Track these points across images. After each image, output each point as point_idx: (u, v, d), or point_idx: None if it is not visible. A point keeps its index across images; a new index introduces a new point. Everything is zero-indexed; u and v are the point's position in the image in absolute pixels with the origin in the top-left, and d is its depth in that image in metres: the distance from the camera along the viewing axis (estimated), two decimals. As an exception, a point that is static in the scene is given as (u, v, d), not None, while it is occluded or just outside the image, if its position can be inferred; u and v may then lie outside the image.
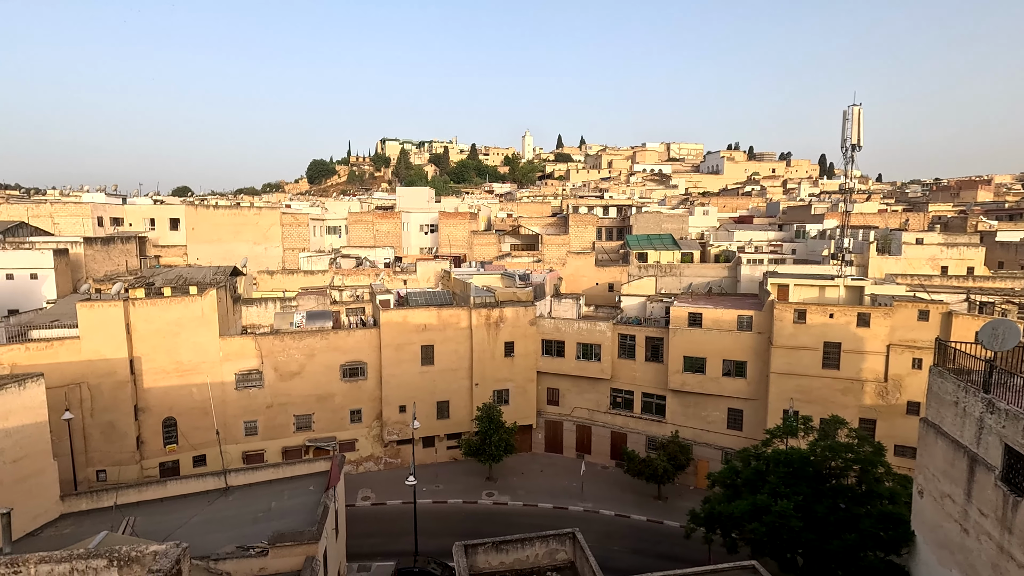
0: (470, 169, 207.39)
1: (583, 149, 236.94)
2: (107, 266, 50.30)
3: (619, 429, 42.98)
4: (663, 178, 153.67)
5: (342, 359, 40.03)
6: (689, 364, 39.90)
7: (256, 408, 38.27)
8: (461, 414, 42.52)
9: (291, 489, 26.70)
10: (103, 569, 9.60)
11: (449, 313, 41.74)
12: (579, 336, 43.06)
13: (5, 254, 44.51)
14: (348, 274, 53.74)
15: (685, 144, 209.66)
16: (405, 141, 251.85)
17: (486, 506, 37.34)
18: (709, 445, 40.03)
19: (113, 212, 62.12)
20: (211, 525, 23.65)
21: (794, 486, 24.42)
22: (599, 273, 59.84)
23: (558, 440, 45.07)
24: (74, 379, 33.08)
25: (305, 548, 20.00)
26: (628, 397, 42.82)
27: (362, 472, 40.93)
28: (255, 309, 44.56)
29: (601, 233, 71.22)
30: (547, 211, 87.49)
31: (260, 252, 62.88)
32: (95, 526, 22.18)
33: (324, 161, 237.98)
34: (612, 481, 40.71)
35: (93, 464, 34.21)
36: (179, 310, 35.80)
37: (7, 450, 22.69)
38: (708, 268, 56.89)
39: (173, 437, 36.44)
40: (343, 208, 79.94)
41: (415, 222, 71.42)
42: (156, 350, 35.33)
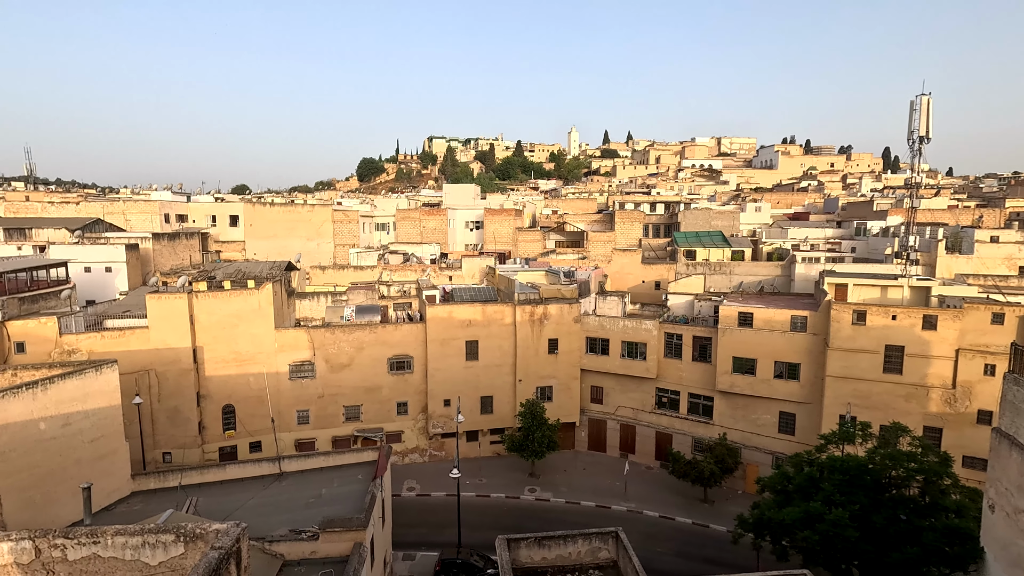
0: (515, 166, 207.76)
1: (630, 145, 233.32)
2: (173, 260, 53.29)
3: (664, 429, 42.24)
4: (713, 174, 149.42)
5: (389, 352, 41.01)
6: (739, 365, 38.76)
7: (308, 398, 39.71)
8: (504, 410, 42.80)
9: (340, 477, 27.62)
10: (171, 544, 10.24)
11: (493, 309, 42.04)
12: (624, 334, 42.53)
13: (84, 249, 47.85)
14: (396, 270, 54.93)
15: (737, 138, 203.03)
16: (452, 139, 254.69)
17: (528, 502, 37.50)
18: (759, 449, 38.80)
19: (178, 209, 65.76)
20: (266, 508, 24.78)
21: (850, 495, 23.40)
22: (645, 271, 58.84)
23: (601, 438, 44.72)
24: (143, 366, 35.25)
25: (353, 534, 20.68)
26: (674, 397, 42.01)
27: (408, 463, 41.85)
28: (308, 303, 46.19)
29: (648, 230, 69.95)
30: (593, 208, 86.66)
31: (313, 248, 65.14)
32: (162, 504, 23.65)
33: (373, 159, 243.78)
34: (656, 482, 40.09)
35: (160, 446, 36.39)
36: (238, 303, 37.54)
37: (86, 430, 24.46)
38: (760, 266, 55.01)
39: (231, 423, 38.30)
40: (391, 205, 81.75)
41: (461, 219, 72.21)
42: (217, 340, 37.18)
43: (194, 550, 10.25)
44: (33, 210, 64.94)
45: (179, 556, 10.26)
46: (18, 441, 22.15)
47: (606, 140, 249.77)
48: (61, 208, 66.13)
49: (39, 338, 34.52)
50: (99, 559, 10.13)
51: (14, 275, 38.70)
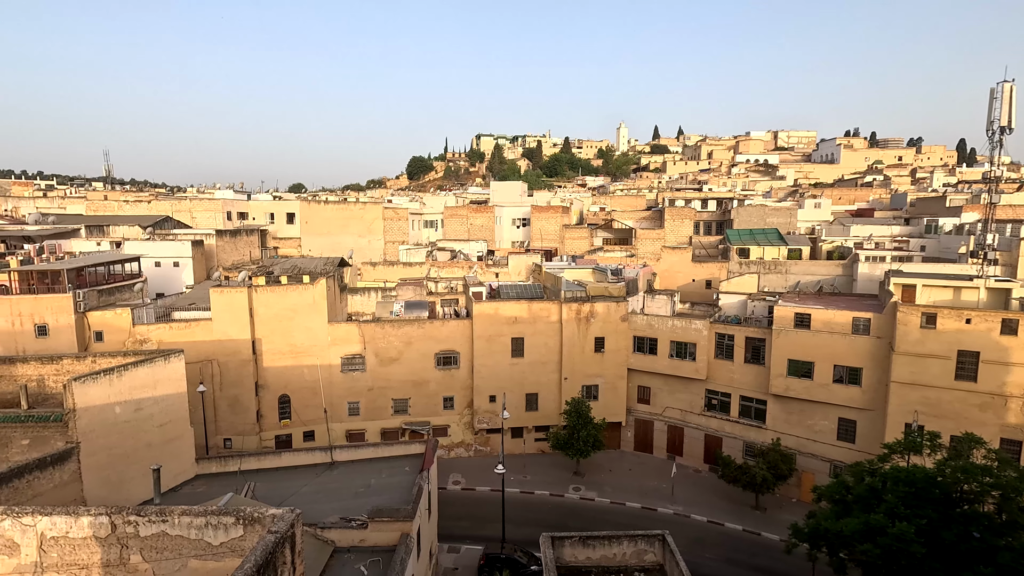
0: (563, 163, 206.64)
1: (681, 140, 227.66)
2: (234, 256, 55.92)
3: (714, 432, 41.09)
4: (769, 169, 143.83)
5: (436, 348, 41.66)
6: (794, 368, 37.20)
7: (359, 390, 40.87)
8: (549, 407, 42.72)
9: (389, 468, 28.32)
10: (231, 526, 10.76)
11: (539, 306, 41.99)
12: (673, 334, 41.60)
13: (154, 244, 50.89)
14: (443, 266, 55.70)
15: (795, 132, 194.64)
16: (499, 136, 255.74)
17: (573, 500, 37.32)
18: (815, 456, 37.15)
19: (240, 207, 68.92)
20: (318, 495, 25.69)
21: (916, 508, 22.06)
22: (696, 269, 57.37)
23: (648, 439, 43.96)
24: (207, 356, 37.19)
25: (401, 525, 21.15)
26: (724, 399, 40.78)
27: (453, 457, 42.43)
28: (359, 298, 47.50)
29: (699, 227, 68.12)
30: (641, 204, 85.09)
31: (364, 244, 66.92)
32: (223, 487, 24.92)
33: (422, 158, 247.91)
34: (705, 486, 39.07)
35: (221, 433, 38.33)
36: (294, 297, 39.03)
37: (156, 415, 26.04)
38: (819, 265, 52.62)
39: (287, 413, 39.89)
40: (439, 203, 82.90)
41: (507, 216, 72.45)
42: (274, 333, 38.79)
43: (252, 533, 10.74)
44: (110, 208, 69.62)
45: (238, 538, 10.77)
46: (97, 423, 23.80)
47: (656, 135, 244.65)
48: (135, 206, 70.58)
49: (115, 328, 37.01)
50: (167, 536, 10.77)
51: (94, 269, 41.59)
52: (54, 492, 21.50)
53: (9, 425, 24.89)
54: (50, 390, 27.64)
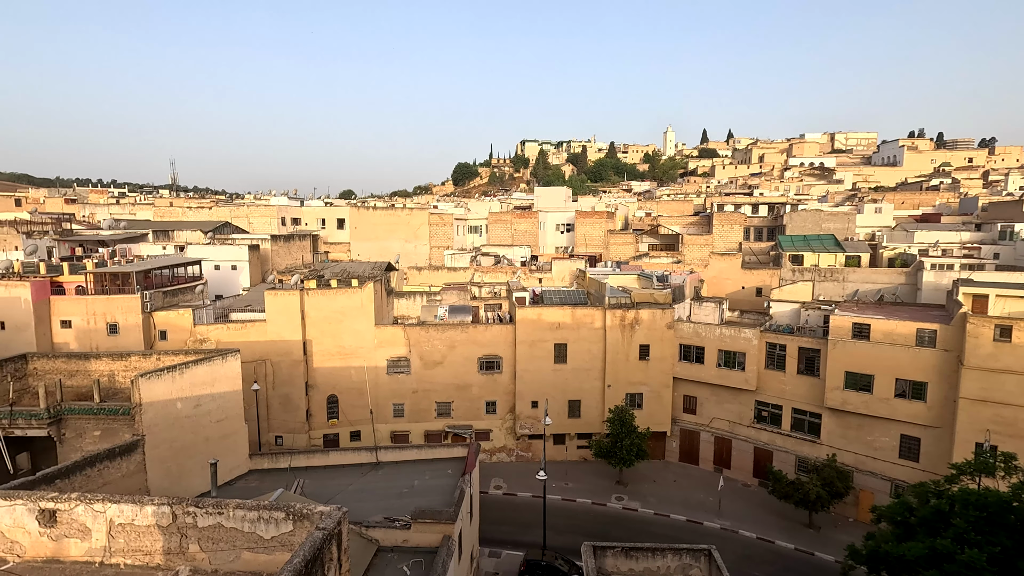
0: (608, 168, 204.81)
1: (731, 143, 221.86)
2: (287, 260, 58.11)
3: (764, 445, 39.60)
4: (825, 172, 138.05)
5: (479, 352, 41.95)
6: (852, 381, 35.44)
7: (403, 392, 41.61)
8: (592, 414, 42.26)
9: (431, 470, 28.65)
10: (282, 520, 11.17)
11: (583, 313, 41.67)
12: (721, 343, 40.42)
13: (214, 249, 53.51)
14: (487, 271, 56.12)
15: (853, 133, 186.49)
16: (544, 142, 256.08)
17: (615, 510, 36.73)
18: (874, 474, 35.22)
19: (293, 213, 71.65)
20: (363, 494, 26.24)
21: (988, 534, 20.57)
22: (745, 276, 55.65)
23: (694, 450, 42.80)
24: (261, 356, 38.72)
25: (443, 527, 21.35)
26: (775, 412, 39.26)
27: (495, 462, 42.54)
28: (405, 302, 48.43)
29: (749, 233, 66.11)
30: (689, 210, 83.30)
31: (410, 249, 68.24)
32: (274, 483, 25.83)
33: (468, 164, 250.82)
34: (754, 501, 37.68)
35: (273, 430, 39.79)
36: (343, 300, 40.17)
37: (213, 411, 27.29)
38: (879, 273, 50.10)
39: (335, 413, 41.03)
40: (484, 208, 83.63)
41: (551, 221, 72.36)
42: (323, 334, 40.02)
43: (301, 528, 11.09)
44: (175, 214, 73.71)
45: (288, 533, 11.15)
46: (160, 418, 25.17)
47: (704, 139, 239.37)
48: (197, 212, 74.49)
49: (177, 327, 39.08)
50: (222, 528, 11.26)
51: (160, 271, 44.08)
52: (121, 481, 22.84)
53: (84, 417, 26.65)
54: (119, 385, 29.44)
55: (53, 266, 43.05)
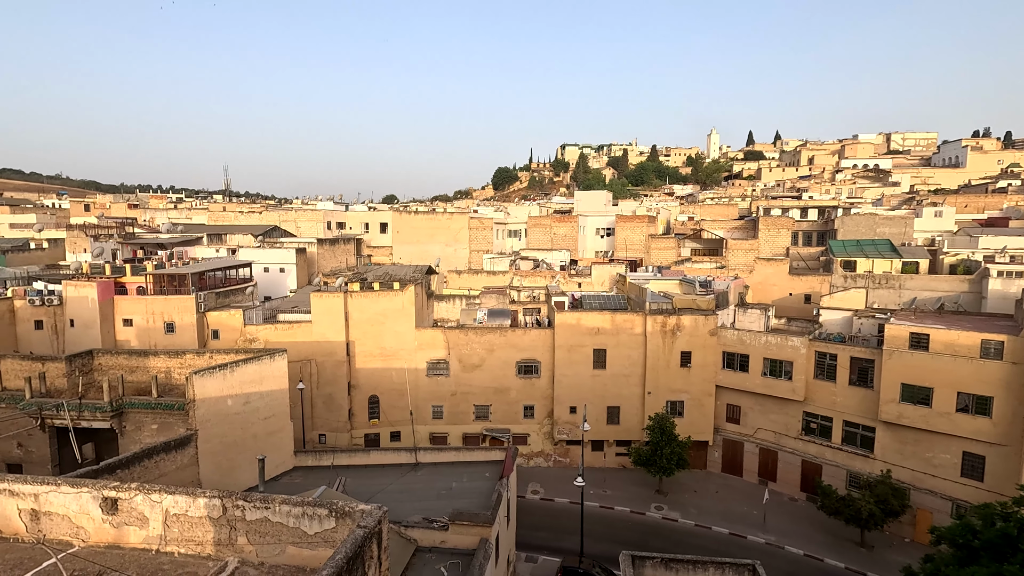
0: (649, 171, 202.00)
1: (778, 145, 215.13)
2: (332, 263, 59.75)
3: (812, 459, 38.07)
4: (880, 174, 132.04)
5: (518, 356, 42.00)
6: (909, 393, 33.68)
7: (442, 394, 42.06)
8: (631, 421, 41.63)
9: (469, 473, 28.84)
10: (325, 517, 11.46)
11: (623, 318, 41.16)
12: (766, 350, 39.15)
13: (263, 252, 55.55)
14: (526, 275, 56.18)
15: (912, 133, 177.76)
16: (584, 146, 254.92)
17: (654, 519, 36.03)
18: (933, 493, 33.33)
19: (338, 217, 73.66)
20: (402, 495, 26.65)
21: (1062, 562, 19.12)
22: (793, 282, 53.78)
23: (737, 461, 41.55)
24: (306, 356, 39.89)
25: (480, 529, 21.45)
26: (825, 424, 37.70)
27: (532, 466, 42.44)
28: (444, 305, 49.00)
29: (797, 238, 63.93)
30: (733, 213, 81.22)
31: (450, 253, 69.03)
32: (317, 480, 26.55)
33: (508, 168, 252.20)
34: (801, 516, 36.26)
35: (316, 428, 40.90)
36: (385, 303, 40.99)
37: (261, 409, 28.29)
38: (939, 280, 47.52)
39: (376, 413, 41.84)
40: (523, 212, 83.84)
41: (591, 225, 71.85)
42: (366, 336, 40.91)
43: (343, 526, 11.34)
44: (228, 219, 76.95)
45: (331, 529, 11.42)
46: (212, 413, 26.27)
47: (750, 141, 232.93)
48: (248, 217, 77.51)
49: (229, 327, 40.72)
50: (269, 522, 11.63)
51: (213, 273, 46.07)
52: (175, 473, 23.95)
53: (143, 411, 28.09)
54: (175, 381, 30.91)
55: (117, 267, 45.64)
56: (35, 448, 28.84)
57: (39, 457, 28.78)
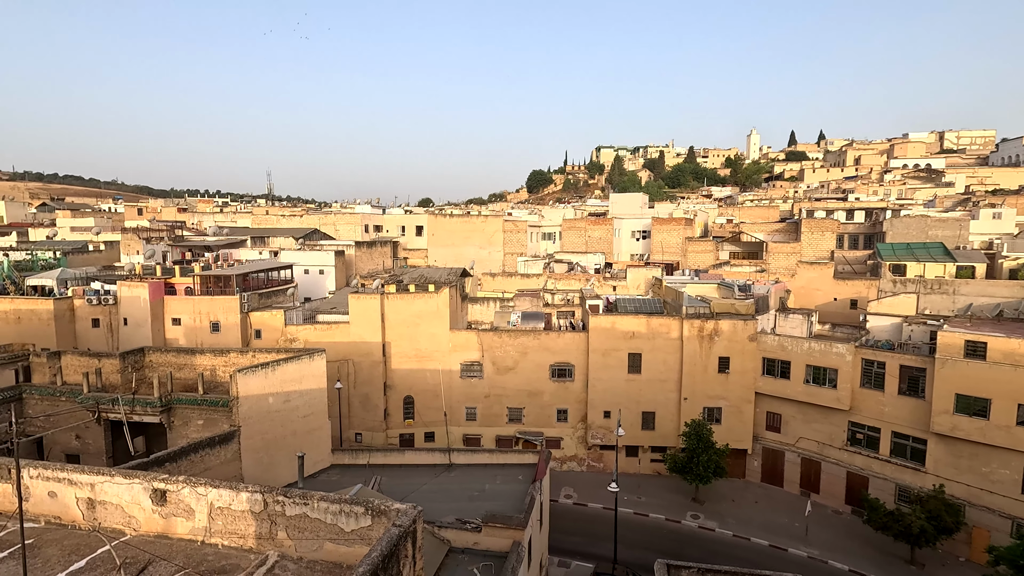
0: (686, 173, 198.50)
1: (822, 145, 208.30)
2: (369, 265, 60.88)
3: (858, 470, 36.58)
4: (932, 174, 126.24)
5: (551, 359, 41.84)
6: (964, 404, 32.00)
7: (476, 396, 42.27)
8: (667, 427, 40.91)
9: (502, 475, 28.85)
10: (361, 515, 11.67)
11: (659, 322, 40.53)
12: (809, 357, 37.86)
13: (304, 254, 57.04)
14: (560, 278, 55.97)
15: (967, 131, 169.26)
16: (619, 148, 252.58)
17: (690, 528, 35.27)
18: (991, 510, 31.52)
19: (375, 221, 75.03)
20: (436, 495, 26.86)
21: None
22: (838, 287, 51.89)
23: (777, 471, 40.29)
24: (344, 356, 40.74)
25: (513, 532, 21.43)
26: (872, 434, 36.18)
27: (565, 470, 42.17)
28: (478, 307, 49.27)
29: (843, 241, 61.66)
30: (774, 216, 78.98)
31: (485, 256, 69.42)
32: (353, 478, 27.04)
33: (542, 171, 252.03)
34: (846, 530, 34.88)
35: (353, 427, 41.70)
36: (420, 305, 41.51)
37: (300, 407, 29.02)
38: (998, 286, 45.02)
39: (410, 413, 42.37)
40: (558, 215, 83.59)
41: (627, 228, 71.08)
42: (401, 337, 41.51)
43: (379, 524, 11.52)
44: (270, 222, 79.40)
45: (366, 527, 11.62)
46: (254, 411, 27.10)
47: (792, 141, 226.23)
48: (290, 220, 79.81)
49: (270, 327, 41.98)
50: (307, 518, 11.92)
51: (256, 275, 47.60)
52: (220, 468, 24.80)
53: (190, 407, 29.20)
54: (219, 379, 32.03)
55: (167, 269, 47.68)
56: (91, 440, 30.35)
57: (95, 448, 30.27)
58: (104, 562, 11.82)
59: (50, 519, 13.38)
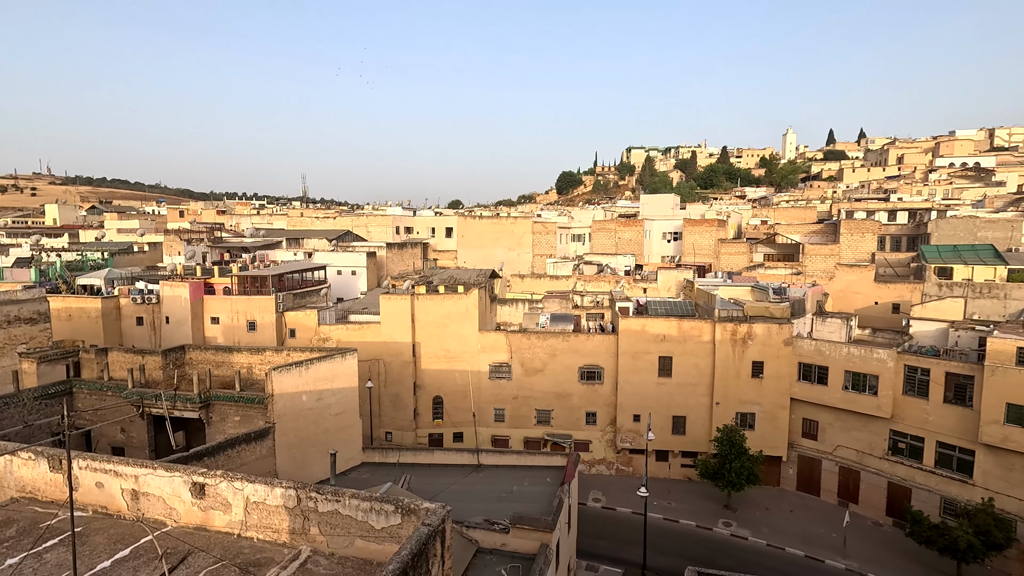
0: (719, 173, 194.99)
1: (862, 144, 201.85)
2: (400, 266, 61.69)
3: (900, 481, 35.23)
4: (982, 173, 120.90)
5: (580, 361, 41.60)
6: (1016, 415, 30.47)
7: (504, 398, 42.34)
8: (698, 432, 40.18)
9: (530, 477, 28.80)
10: (391, 513, 11.80)
11: (690, 325, 39.86)
12: (848, 363, 36.67)
13: (337, 255, 58.16)
14: (589, 280, 55.64)
15: (1020, 128, 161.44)
16: (650, 148, 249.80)
17: (722, 535, 34.54)
18: (1045, 526, 29.93)
19: (406, 223, 76.00)
20: (464, 495, 26.98)
21: None
22: (879, 291, 50.16)
23: (814, 480, 39.12)
24: (375, 356, 41.34)
25: (541, 534, 21.36)
26: (915, 444, 34.78)
27: (594, 474, 41.84)
28: (507, 308, 49.39)
29: (884, 243, 59.60)
30: (811, 217, 76.83)
31: (514, 257, 69.52)
32: (383, 477, 27.37)
33: (572, 172, 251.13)
34: (887, 542, 33.61)
35: (383, 426, 42.26)
36: (449, 305, 41.82)
37: (333, 405, 29.56)
38: (1053, 290, 42.77)
39: (439, 413, 42.70)
40: (587, 217, 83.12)
41: (657, 230, 70.20)
42: (431, 338, 41.89)
43: (408, 523, 11.63)
44: (305, 224, 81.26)
45: (396, 525, 11.74)
46: (288, 408, 27.75)
47: (831, 140, 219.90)
48: (323, 222, 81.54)
49: (304, 327, 42.92)
50: (339, 515, 12.12)
51: (291, 275, 48.76)
52: (255, 463, 25.46)
53: (227, 403, 30.06)
54: (255, 376, 32.87)
55: (206, 269, 49.25)
56: (135, 434, 31.55)
57: (139, 442, 31.45)
58: (147, 551, 12.26)
59: (97, 508, 13.96)
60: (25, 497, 14.77)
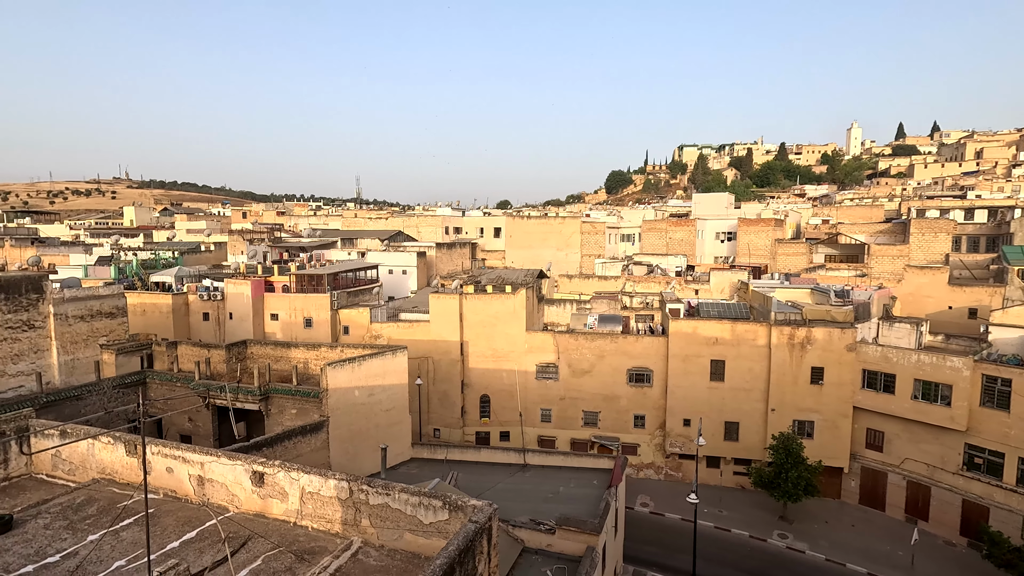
0: (776, 171, 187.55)
1: (936, 138, 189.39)
2: (449, 266, 62.59)
3: (977, 499, 32.81)
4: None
5: (629, 364, 40.97)
6: (1112, 431, 27.84)
7: (551, 398, 42.23)
8: (752, 439, 38.79)
9: (577, 479, 28.62)
10: (439, 508, 12.02)
11: (744, 328, 38.52)
12: (918, 371, 34.47)
13: (388, 255, 59.62)
14: (639, 281, 54.71)
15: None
16: (704, 146, 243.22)
17: (777, 548, 33.21)
18: None
19: (455, 223, 77.05)
20: (510, 494, 27.09)
21: None
22: (953, 294, 46.93)
23: (878, 494, 37.00)
24: (424, 354, 42.14)
25: (587, 537, 21.19)
26: (994, 460, 32.32)
27: (641, 478, 41.12)
28: (555, 309, 49.20)
29: (959, 243, 55.76)
30: (878, 215, 72.75)
31: (562, 257, 69.24)
32: (431, 473, 27.86)
33: (621, 172, 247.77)
34: (960, 563, 31.40)
35: (431, 423, 43.00)
36: (497, 305, 42.10)
37: (383, 401, 30.34)
38: None
39: (486, 412, 43.06)
40: (637, 216, 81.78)
41: (710, 229, 68.25)
42: (479, 337, 42.29)
43: (455, 519, 11.80)
44: (359, 224, 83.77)
45: (444, 521, 11.94)
46: (341, 403, 28.67)
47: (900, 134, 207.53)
48: (376, 222, 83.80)
49: (357, 324, 44.23)
50: (389, 508, 12.43)
51: (345, 274, 50.35)
52: (310, 455, 26.44)
53: (285, 396, 31.38)
54: (311, 371, 34.17)
55: (267, 268, 51.56)
56: (201, 423, 33.42)
57: (204, 431, 33.30)
58: (211, 534, 12.97)
59: (167, 492, 14.88)
60: (104, 478, 15.91)
